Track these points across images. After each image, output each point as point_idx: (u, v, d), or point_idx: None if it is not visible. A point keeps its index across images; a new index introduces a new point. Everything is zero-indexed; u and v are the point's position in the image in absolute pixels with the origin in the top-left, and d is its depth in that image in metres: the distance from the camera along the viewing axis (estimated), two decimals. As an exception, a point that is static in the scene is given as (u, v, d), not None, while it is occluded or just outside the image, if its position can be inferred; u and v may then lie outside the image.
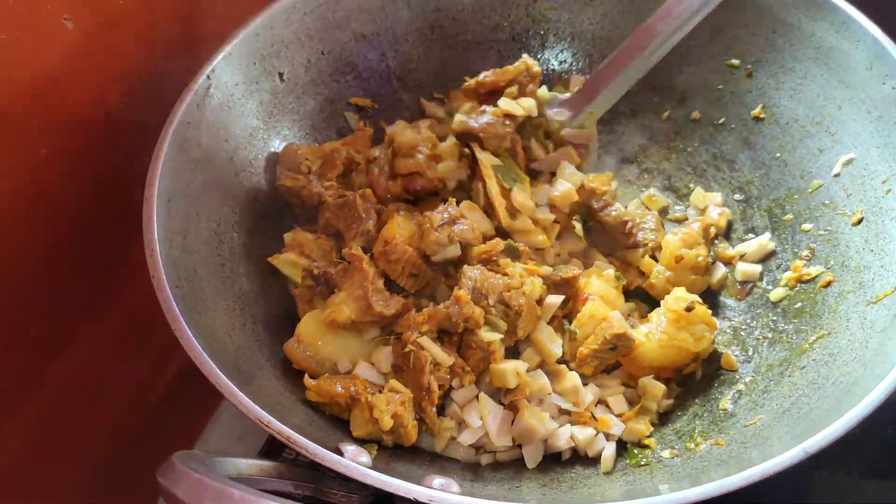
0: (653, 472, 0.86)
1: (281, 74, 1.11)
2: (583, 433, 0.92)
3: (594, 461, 0.92)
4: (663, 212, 1.19)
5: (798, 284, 1.02)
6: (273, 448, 1.08)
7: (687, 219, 1.17)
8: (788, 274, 1.03)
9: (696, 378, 1.01)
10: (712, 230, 1.11)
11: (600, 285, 1.02)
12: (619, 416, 0.96)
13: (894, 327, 0.83)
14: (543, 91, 1.19)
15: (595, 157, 1.22)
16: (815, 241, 1.02)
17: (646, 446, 0.93)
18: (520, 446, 0.93)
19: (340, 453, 0.74)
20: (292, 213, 1.11)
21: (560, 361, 0.98)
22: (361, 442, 0.87)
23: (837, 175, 1.02)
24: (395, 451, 0.89)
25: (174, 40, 1.03)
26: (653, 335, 0.96)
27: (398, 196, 1.11)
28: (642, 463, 0.90)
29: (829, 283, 0.97)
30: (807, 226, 1.04)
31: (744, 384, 0.96)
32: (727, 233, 1.15)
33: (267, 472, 0.73)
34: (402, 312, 0.96)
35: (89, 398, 1.00)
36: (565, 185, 1.09)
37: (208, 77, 0.98)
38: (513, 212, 1.06)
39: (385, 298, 0.96)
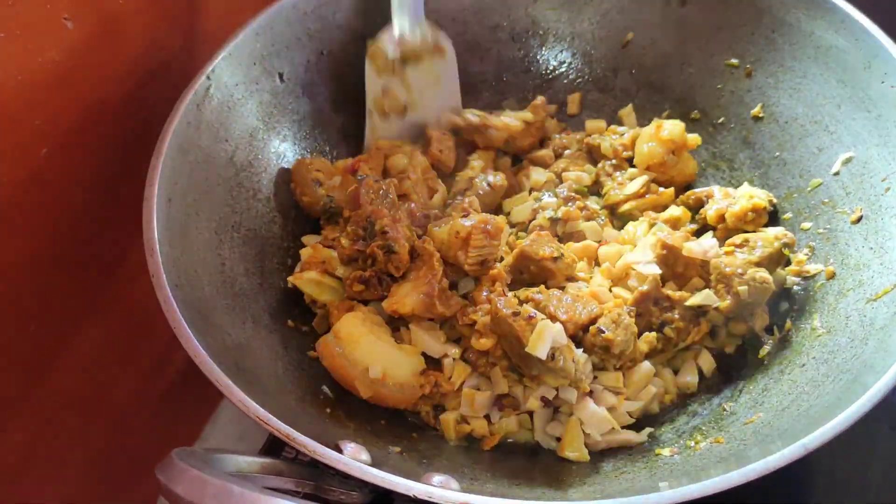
0: (652, 470, 0.86)
1: (281, 74, 1.11)
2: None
3: (595, 459, 0.92)
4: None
5: (799, 279, 1.01)
6: (273, 447, 1.08)
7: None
8: (791, 268, 1.03)
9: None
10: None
11: None
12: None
13: (894, 325, 0.83)
14: None
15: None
16: (814, 240, 1.02)
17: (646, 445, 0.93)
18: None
19: (340, 451, 0.74)
20: (292, 212, 1.12)
21: None
22: None
23: (837, 173, 1.02)
24: (395, 450, 0.89)
25: (174, 40, 1.03)
26: None
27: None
28: (642, 461, 0.90)
29: (832, 276, 0.97)
30: (806, 224, 1.04)
31: (743, 382, 0.97)
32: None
33: (267, 470, 0.73)
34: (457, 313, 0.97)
35: (89, 398, 1.00)
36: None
37: (208, 77, 0.98)
38: None
39: (447, 298, 0.97)
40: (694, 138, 1.15)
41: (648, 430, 0.96)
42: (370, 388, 0.93)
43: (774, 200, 1.08)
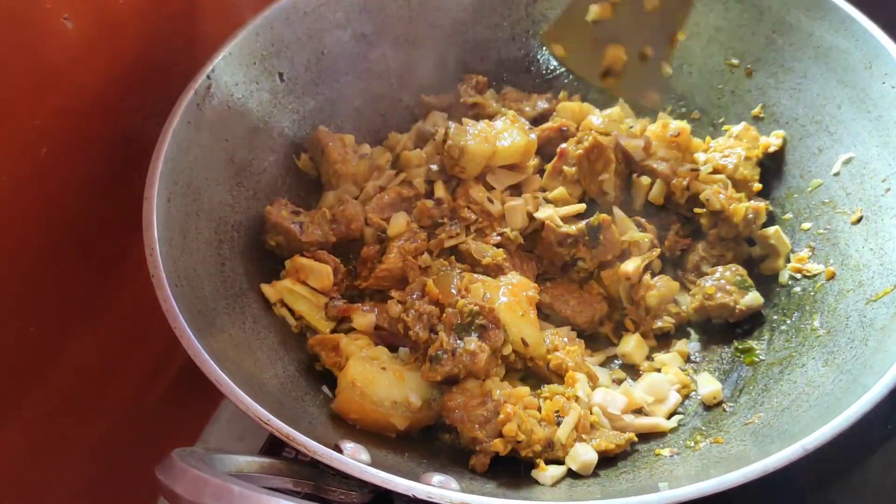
0: (652, 470, 0.86)
1: (281, 74, 1.11)
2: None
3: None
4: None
5: (800, 277, 1.02)
6: (273, 447, 1.08)
7: None
8: (791, 265, 1.03)
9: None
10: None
11: None
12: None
13: (894, 325, 0.83)
14: None
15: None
16: (814, 240, 1.03)
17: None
18: None
19: (340, 451, 0.74)
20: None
21: None
22: None
23: (837, 174, 1.02)
24: (395, 449, 0.89)
25: (174, 40, 1.03)
26: None
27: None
28: (642, 461, 0.90)
29: (832, 276, 0.97)
30: (806, 225, 1.04)
31: (743, 382, 0.97)
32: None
33: (266, 470, 0.73)
34: None
35: (89, 398, 1.00)
36: None
37: (208, 77, 0.98)
38: None
39: None
40: (698, 144, 1.14)
41: (679, 416, 0.96)
42: (406, 418, 0.89)
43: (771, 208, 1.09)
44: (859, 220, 0.97)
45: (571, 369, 0.95)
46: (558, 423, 0.89)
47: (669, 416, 0.96)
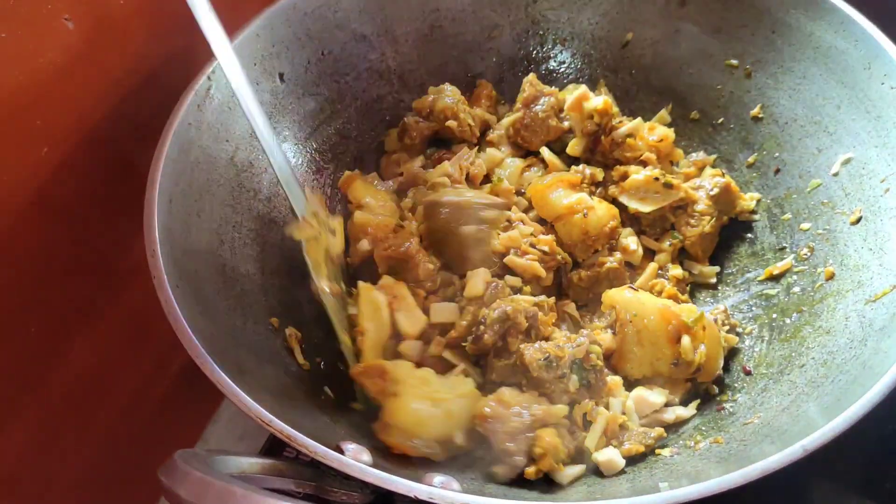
0: (653, 470, 0.87)
1: (281, 75, 1.11)
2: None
3: (594, 459, 0.92)
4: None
5: (799, 279, 1.02)
6: (274, 447, 1.08)
7: None
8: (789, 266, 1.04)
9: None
10: None
11: None
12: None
13: (893, 326, 0.83)
14: None
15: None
16: (813, 240, 1.03)
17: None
18: None
19: (341, 452, 0.74)
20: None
21: None
22: None
23: (836, 174, 1.02)
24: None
25: (174, 40, 1.03)
26: None
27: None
28: (642, 461, 0.90)
29: (831, 276, 0.97)
30: (805, 225, 1.05)
31: (742, 382, 0.97)
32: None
33: (268, 471, 0.73)
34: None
35: (90, 398, 1.00)
36: None
37: (209, 78, 0.98)
38: None
39: None
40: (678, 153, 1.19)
41: (696, 402, 0.96)
42: (446, 452, 0.88)
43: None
44: (858, 220, 0.97)
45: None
46: (586, 426, 0.90)
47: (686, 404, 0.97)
